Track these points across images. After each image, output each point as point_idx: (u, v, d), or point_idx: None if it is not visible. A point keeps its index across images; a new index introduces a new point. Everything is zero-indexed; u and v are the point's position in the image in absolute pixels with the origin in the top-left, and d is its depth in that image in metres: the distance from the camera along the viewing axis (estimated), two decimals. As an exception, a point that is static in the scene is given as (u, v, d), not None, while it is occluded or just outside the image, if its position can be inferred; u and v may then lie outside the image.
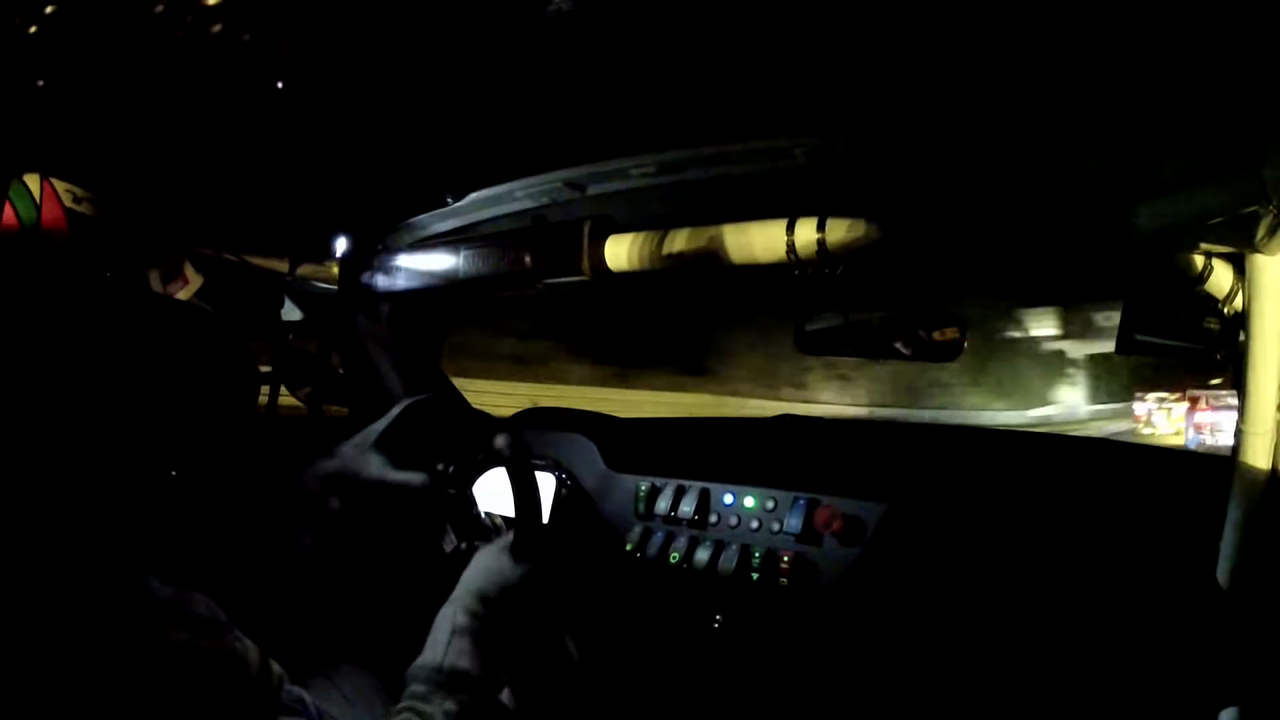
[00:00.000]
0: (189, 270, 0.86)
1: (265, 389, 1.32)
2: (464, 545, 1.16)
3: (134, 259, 0.76)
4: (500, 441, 0.96)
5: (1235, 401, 0.71)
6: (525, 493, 0.96)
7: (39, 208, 0.70)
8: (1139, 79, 0.70)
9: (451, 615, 0.87)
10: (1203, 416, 11.29)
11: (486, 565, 0.91)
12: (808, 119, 0.87)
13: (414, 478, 1.07)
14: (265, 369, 1.31)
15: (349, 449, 1.06)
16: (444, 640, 0.84)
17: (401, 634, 0.88)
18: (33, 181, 0.72)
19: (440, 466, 1.27)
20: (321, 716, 0.65)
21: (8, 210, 0.68)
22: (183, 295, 0.78)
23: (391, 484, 1.04)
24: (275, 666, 0.62)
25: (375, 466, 1.03)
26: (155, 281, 0.76)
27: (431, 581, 0.90)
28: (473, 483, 1.28)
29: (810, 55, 0.77)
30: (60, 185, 0.76)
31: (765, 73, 0.81)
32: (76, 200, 0.75)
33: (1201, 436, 10.86)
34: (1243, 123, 0.64)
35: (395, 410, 1.17)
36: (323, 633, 1.15)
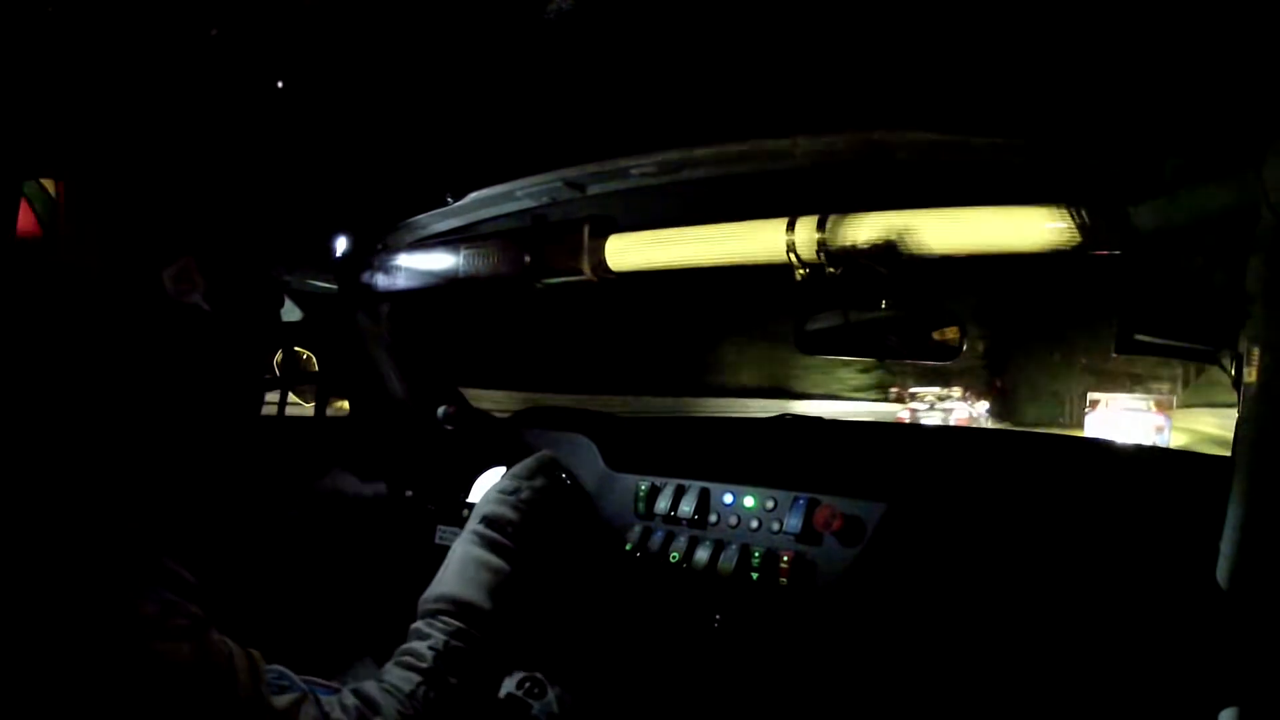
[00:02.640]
0: (196, 273, 0.86)
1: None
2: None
3: (149, 262, 0.76)
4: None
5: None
6: None
7: (56, 210, 0.70)
8: (1139, 78, 0.70)
9: (458, 545, 0.87)
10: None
11: (491, 490, 0.91)
12: (807, 118, 0.87)
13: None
14: (270, 374, 1.31)
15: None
16: (450, 569, 0.84)
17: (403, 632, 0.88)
18: (47, 185, 0.72)
19: (408, 493, 1.31)
20: (308, 683, 0.66)
21: (27, 213, 0.68)
22: (192, 299, 0.78)
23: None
24: (254, 653, 0.63)
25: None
26: (168, 285, 0.76)
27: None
28: (471, 482, 1.28)
29: (809, 53, 0.77)
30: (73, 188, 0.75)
31: (765, 72, 0.81)
32: (90, 202, 0.75)
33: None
34: (1242, 122, 0.64)
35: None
36: (326, 637, 1.15)
